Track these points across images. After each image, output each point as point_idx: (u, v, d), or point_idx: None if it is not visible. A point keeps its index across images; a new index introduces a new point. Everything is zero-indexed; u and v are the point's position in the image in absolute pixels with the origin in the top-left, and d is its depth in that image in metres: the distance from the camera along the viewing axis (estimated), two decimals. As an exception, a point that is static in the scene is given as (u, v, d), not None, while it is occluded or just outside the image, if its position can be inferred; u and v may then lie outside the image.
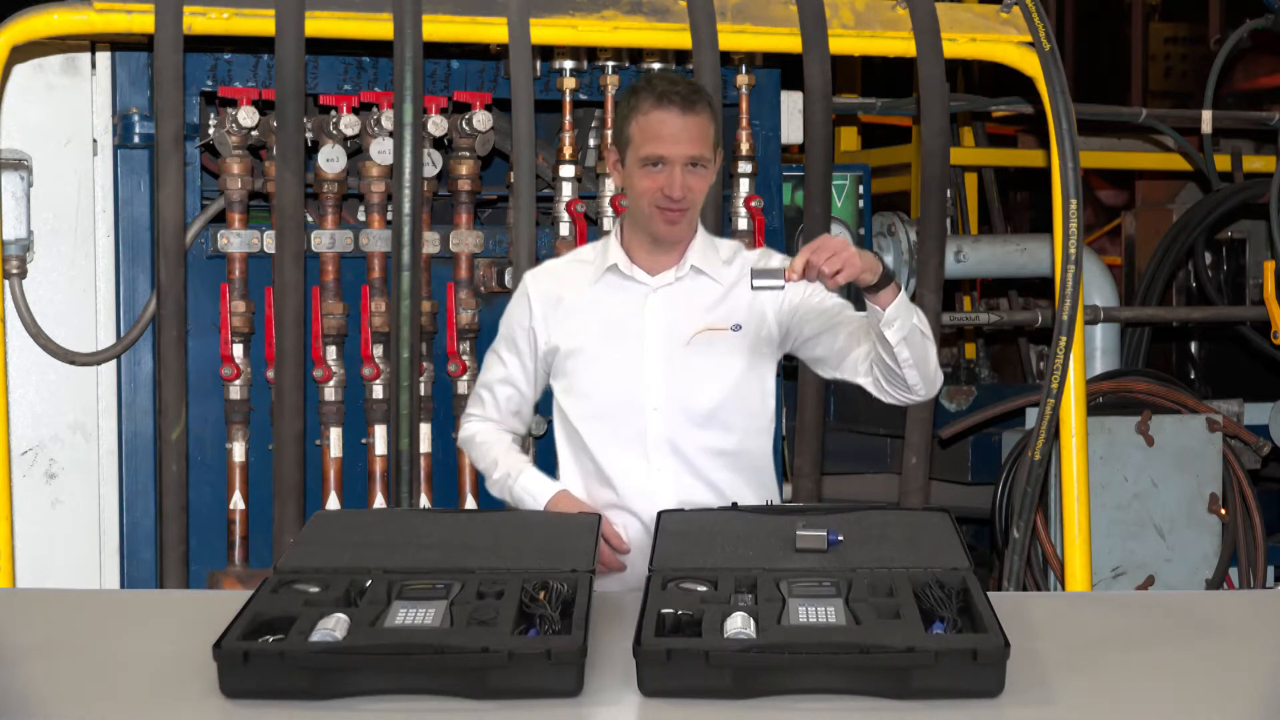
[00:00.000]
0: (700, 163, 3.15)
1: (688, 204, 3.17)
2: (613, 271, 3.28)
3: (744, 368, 3.27)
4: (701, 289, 3.28)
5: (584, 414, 3.28)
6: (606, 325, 3.26)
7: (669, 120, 3.13)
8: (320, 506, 4.12)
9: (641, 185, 3.17)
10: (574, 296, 3.30)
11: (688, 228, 3.24)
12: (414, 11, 3.94)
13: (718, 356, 3.25)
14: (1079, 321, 4.31)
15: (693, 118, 3.14)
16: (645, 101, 3.15)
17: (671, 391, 3.24)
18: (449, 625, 2.45)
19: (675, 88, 3.15)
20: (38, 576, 4.04)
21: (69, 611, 2.94)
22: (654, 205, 3.17)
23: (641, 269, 3.27)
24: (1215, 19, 8.11)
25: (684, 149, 3.13)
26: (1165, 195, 6.56)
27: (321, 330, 4.15)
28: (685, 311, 3.26)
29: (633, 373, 3.24)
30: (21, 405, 4.10)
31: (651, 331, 3.25)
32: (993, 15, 4.36)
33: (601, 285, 3.28)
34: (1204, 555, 5.20)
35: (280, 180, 3.91)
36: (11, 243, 4.01)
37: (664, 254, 3.27)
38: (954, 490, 5.53)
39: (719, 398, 3.26)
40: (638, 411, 3.24)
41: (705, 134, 3.16)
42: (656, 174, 3.15)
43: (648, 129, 3.14)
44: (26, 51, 4.04)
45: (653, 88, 3.17)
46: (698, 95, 3.17)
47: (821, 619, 2.46)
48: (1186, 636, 2.75)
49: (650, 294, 3.26)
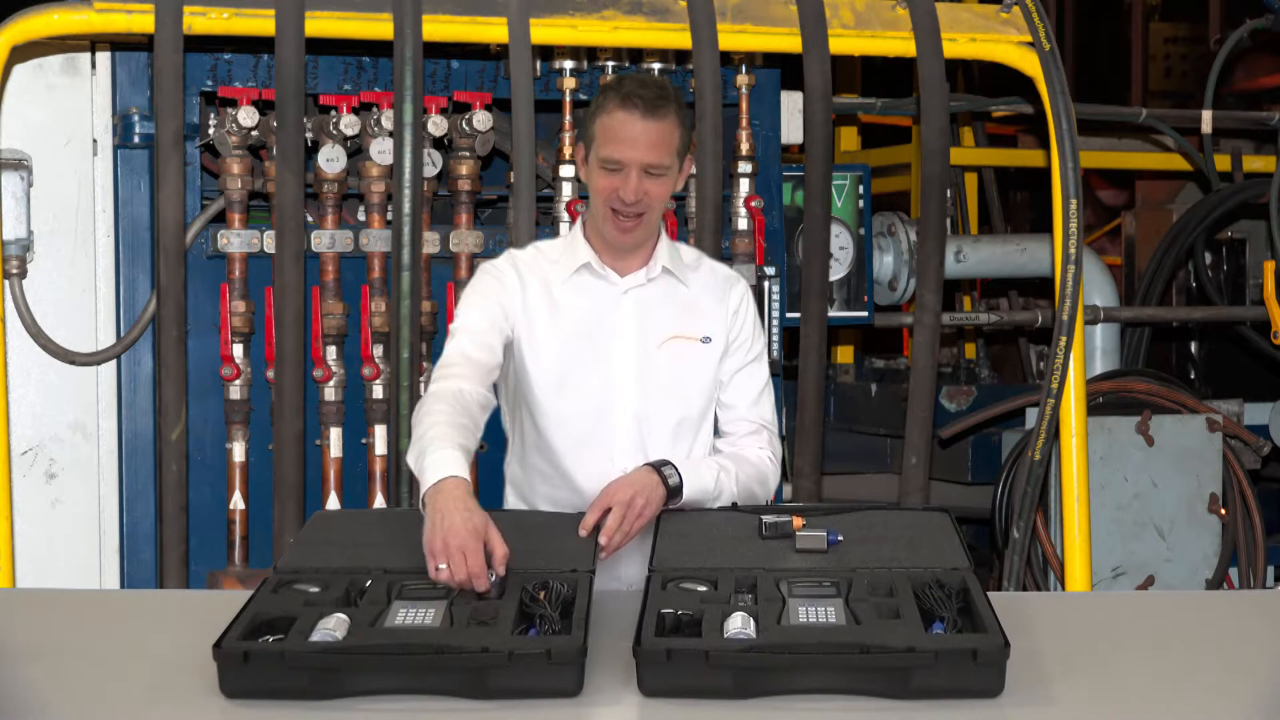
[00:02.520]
0: (658, 170, 3.10)
1: (642, 209, 3.12)
2: (585, 270, 3.24)
3: (711, 377, 3.26)
4: (672, 292, 3.26)
5: (550, 414, 3.21)
6: (578, 324, 3.22)
7: (630, 123, 3.08)
8: (320, 506, 4.12)
9: (599, 185, 3.14)
10: (543, 291, 3.23)
11: (643, 233, 3.19)
12: (414, 11, 3.94)
13: (687, 363, 3.24)
14: (1079, 321, 4.31)
15: (654, 123, 3.08)
16: (611, 101, 3.11)
17: (643, 393, 3.21)
18: (449, 625, 2.45)
19: (643, 90, 3.10)
20: (38, 576, 4.04)
21: (69, 611, 2.94)
22: (609, 207, 3.13)
23: (611, 269, 3.24)
24: (1215, 19, 8.11)
25: (641, 154, 3.08)
26: (1165, 195, 6.56)
27: (321, 330, 4.15)
28: (657, 314, 3.24)
29: (604, 374, 3.21)
30: (21, 405, 4.10)
31: (624, 333, 3.22)
32: (993, 15, 4.36)
33: (573, 284, 3.23)
34: (1204, 555, 5.20)
35: (280, 180, 3.91)
36: (11, 243, 4.01)
37: (631, 255, 3.24)
38: (954, 490, 5.53)
39: (687, 402, 3.24)
40: (607, 413, 3.21)
41: (667, 141, 3.10)
42: (614, 176, 3.11)
43: (609, 130, 3.10)
44: (26, 51, 4.04)
45: (620, 88, 3.12)
46: (664, 101, 3.10)
47: (821, 619, 2.46)
48: (1186, 636, 2.76)
49: (622, 295, 3.24)
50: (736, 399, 3.28)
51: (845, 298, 5.01)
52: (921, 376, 4.31)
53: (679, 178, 3.19)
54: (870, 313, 5.08)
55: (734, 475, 3.16)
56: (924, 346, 4.30)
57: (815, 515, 2.96)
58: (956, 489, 5.54)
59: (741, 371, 3.28)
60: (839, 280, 4.96)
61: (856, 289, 5.02)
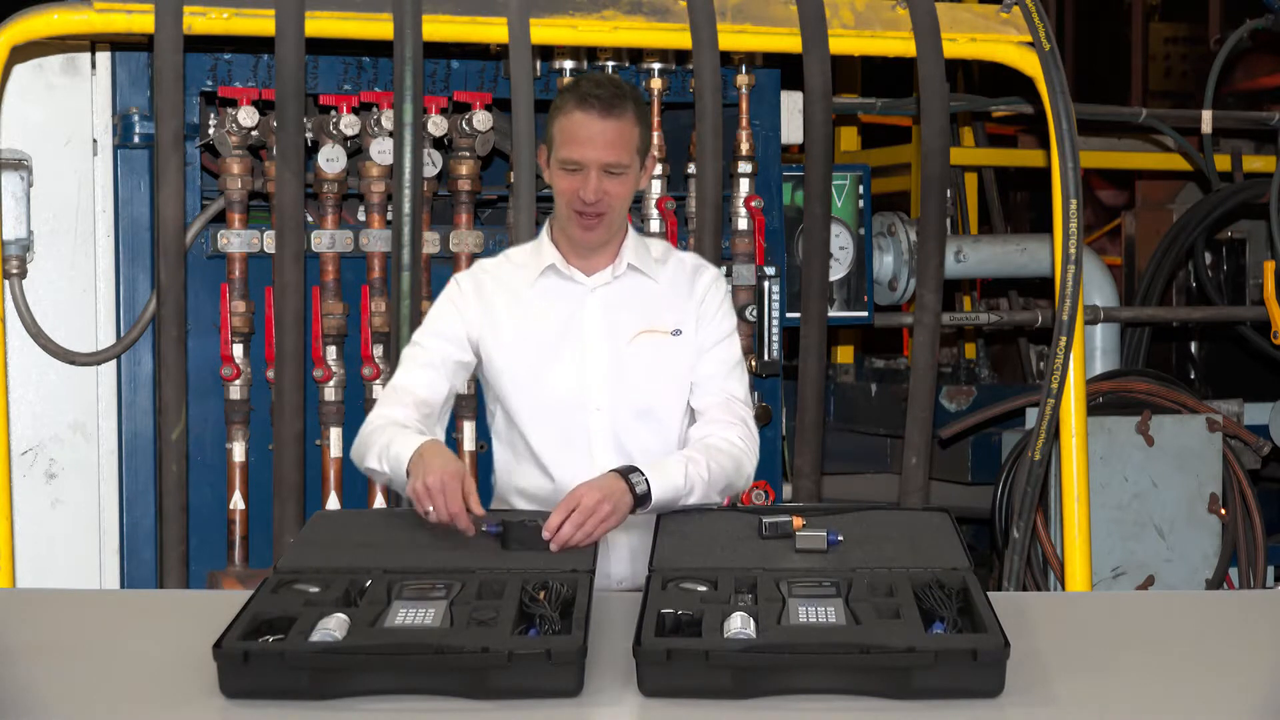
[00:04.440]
0: (617, 169, 3.11)
1: (604, 208, 3.13)
2: (551, 272, 3.24)
3: (684, 370, 3.26)
4: (639, 288, 3.26)
5: (527, 415, 3.22)
6: (547, 326, 3.22)
7: (588, 123, 3.08)
8: (320, 506, 4.12)
9: (560, 186, 3.14)
10: (510, 298, 3.25)
11: (606, 232, 3.19)
12: (414, 11, 3.94)
13: (659, 357, 3.24)
14: (1079, 321, 4.31)
15: (612, 122, 3.09)
16: (569, 102, 3.12)
17: (615, 390, 3.21)
18: (449, 625, 2.45)
19: (598, 90, 3.10)
20: (38, 576, 4.04)
21: (69, 611, 2.94)
22: (571, 208, 3.14)
23: (577, 269, 3.25)
24: (1215, 19, 8.11)
25: (599, 154, 3.09)
26: (1165, 195, 6.55)
27: (321, 330, 4.15)
28: (625, 311, 3.24)
29: (575, 372, 3.21)
30: (21, 405, 4.10)
31: (592, 331, 3.23)
32: (993, 15, 4.36)
33: (539, 286, 3.24)
34: (1204, 555, 5.20)
35: (280, 180, 3.91)
36: (11, 243, 4.01)
37: (597, 254, 3.24)
38: (954, 490, 5.53)
39: (661, 396, 3.24)
40: (581, 410, 3.21)
41: (625, 139, 3.11)
42: (574, 177, 3.11)
43: (567, 130, 3.11)
44: (26, 51, 4.04)
45: (577, 89, 3.13)
46: (620, 100, 3.11)
47: (821, 619, 2.46)
48: (1186, 636, 2.76)
49: (588, 294, 3.24)
50: (706, 376, 3.27)
51: (845, 298, 5.01)
52: (921, 376, 4.31)
53: (642, 175, 3.20)
54: (870, 313, 5.08)
55: (704, 465, 3.13)
56: (924, 346, 4.31)
57: (815, 515, 2.96)
58: (956, 489, 5.54)
59: (711, 350, 3.28)
60: (839, 280, 4.96)
61: (856, 289, 5.02)
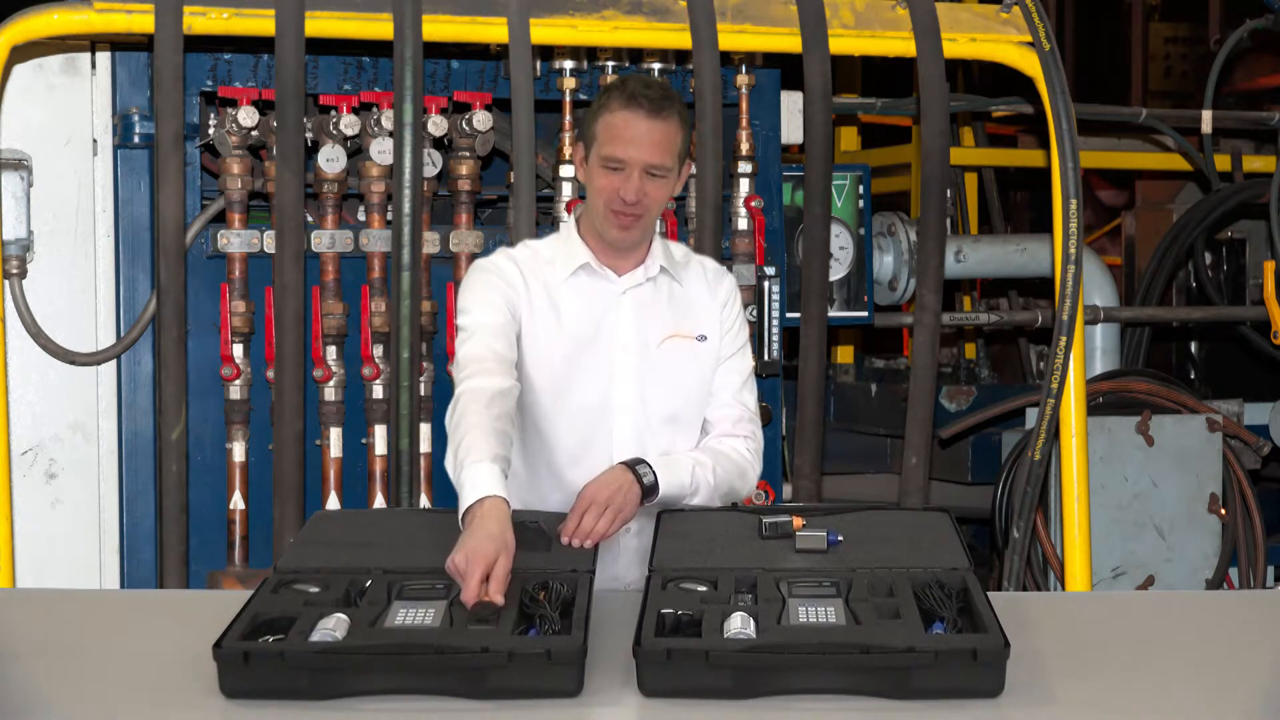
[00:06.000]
0: (659, 171, 3.10)
1: (641, 210, 3.12)
2: (583, 270, 3.22)
3: (707, 375, 3.26)
4: (668, 290, 3.26)
5: (550, 415, 3.20)
6: (580, 324, 3.20)
7: (634, 123, 3.08)
8: (320, 506, 4.12)
9: (599, 184, 3.13)
10: (543, 290, 3.21)
11: (641, 234, 3.18)
12: (414, 11, 3.94)
13: (686, 362, 3.24)
14: (1079, 321, 4.31)
15: (659, 123, 3.08)
16: (615, 100, 3.11)
17: (642, 394, 3.21)
18: (449, 625, 2.45)
19: (647, 91, 3.10)
20: (38, 576, 4.04)
21: (69, 611, 2.94)
22: (609, 207, 3.12)
23: (609, 269, 3.23)
24: (1215, 19, 8.11)
25: (644, 154, 3.08)
26: (1165, 195, 6.56)
27: (321, 330, 4.15)
28: (655, 314, 3.23)
29: (605, 373, 3.20)
30: (21, 405, 4.10)
31: (624, 333, 3.22)
32: (993, 15, 4.36)
33: (572, 284, 3.21)
34: (1204, 555, 5.21)
35: (280, 180, 3.91)
36: (11, 243, 4.01)
37: (627, 255, 3.23)
38: (954, 490, 5.54)
39: (686, 402, 3.25)
40: (607, 414, 3.20)
41: (670, 142, 3.10)
42: (614, 176, 3.10)
43: (612, 129, 3.10)
44: (26, 51, 4.04)
45: (624, 88, 3.12)
46: (668, 102, 3.11)
47: (821, 619, 2.46)
48: (1186, 636, 2.76)
49: (621, 295, 3.23)
50: (722, 387, 3.28)
51: (845, 298, 5.01)
52: (921, 376, 4.31)
53: (677, 182, 3.19)
54: (870, 313, 5.08)
55: (710, 469, 3.16)
56: (924, 346, 4.31)
57: (815, 515, 2.96)
58: (956, 489, 5.54)
59: (728, 360, 3.29)
60: (839, 280, 4.96)
61: (856, 289, 5.02)
